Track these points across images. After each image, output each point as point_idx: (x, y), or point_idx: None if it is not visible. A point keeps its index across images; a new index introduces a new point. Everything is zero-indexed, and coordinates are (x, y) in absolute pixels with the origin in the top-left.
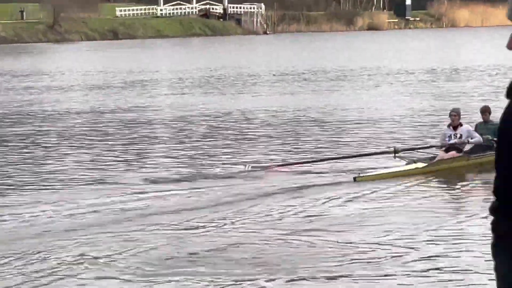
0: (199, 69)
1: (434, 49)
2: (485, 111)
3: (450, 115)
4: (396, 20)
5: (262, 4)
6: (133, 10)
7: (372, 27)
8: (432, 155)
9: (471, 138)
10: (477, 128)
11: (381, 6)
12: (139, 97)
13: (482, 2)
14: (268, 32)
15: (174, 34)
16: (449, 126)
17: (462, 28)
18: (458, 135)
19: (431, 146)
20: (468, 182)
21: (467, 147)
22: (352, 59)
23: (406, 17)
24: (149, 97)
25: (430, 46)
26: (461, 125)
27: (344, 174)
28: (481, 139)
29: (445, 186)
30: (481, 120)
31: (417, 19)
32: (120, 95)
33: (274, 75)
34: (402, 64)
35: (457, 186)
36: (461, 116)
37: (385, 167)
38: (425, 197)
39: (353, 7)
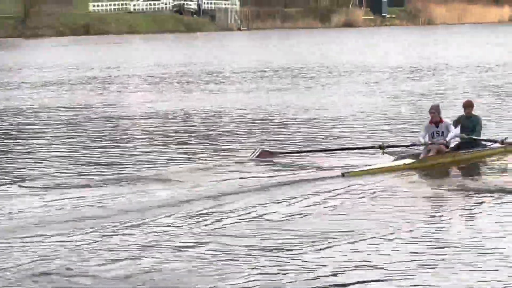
0: (169, 66)
1: (409, 46)
2: (468, 105)
3: (430, 112)
4: (372, 17)
5: (237, 0)
6: (106, 5)
7: (347, 24)
8: (418, 152)
9: (449, 136)
10: (460, 121)
11: (358, 3)
12: (107, 93)
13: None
14: (242, 28)
15: (147, 30)
16: (430, 122)
17: (439, 26)
18: (441, 131)
19: (413, 145)
20: (455, 178)
21: (453, 144)
22: (327, 56)
23: (383, 14)
24: (117, 94)
25: (405, 43)
26: (441, 121)
27: (332, 169)
28: (454, 132)
29: (433, 182)
30: (463, 114)
31: (394, 16)
32: (87, 91)
33: (245, 71)
34: (379, 60)
35: (445, 182)
36: (444, 111)
37: (373, 163)
38: (413, 193)
39: (330, 4)
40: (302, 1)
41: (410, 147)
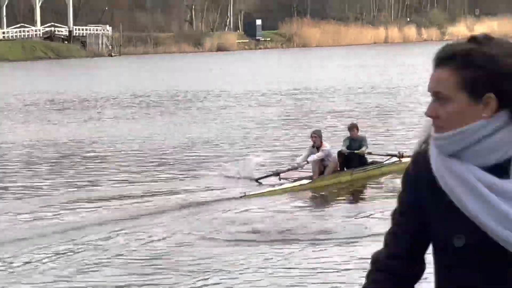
0: (34, 93)
1: (282, 69)
2: (353, 127)
3: (311, 137)
4: (246, 41)
5: (108, 25)
6: None
7: (221, 48)
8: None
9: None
10: (345, 142)
11: (232, 27)
12: None
13: (334, 21)
14: (113, 54)
15: (16, 58)
16: (313, 146)
17: (313, 48)
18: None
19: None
20: (351, 196)
21: (353, 162)
22: (198, 81)
23: (257, 38)
24: None
25: (277, 66)
26: (322, 145)
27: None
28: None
29: (330, 200)
30: (349, 135)
31: (268, 39)
32: None
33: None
34: (254, 85)
35: (341, 200)
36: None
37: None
38: (310, 213)
39: (206, 28)
40: (176, 26)
41: (290, 170)
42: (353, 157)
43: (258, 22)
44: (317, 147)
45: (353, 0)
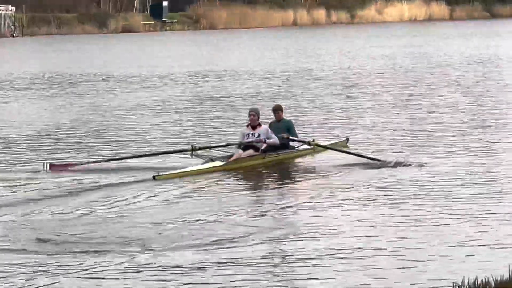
0: None
1: (188, 52)
2: (277, 109)
3: (249, 115)
4: (152, 23)
5: (10, 5)
6: None
7: (126, 30)
8: (230, 154)
9: (268, 139)
10: (271, 127)
11: (136, 8)
12: None
13: (241, 4)
14: (15, 35)
15: None
16: (248, 126)
17: (221, 30)
18: (256, 135)
19: (228, 145)
20: (264, 180)
21: (264, 146)
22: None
23: (163, 19)
24: None
25: (184, 49)
26: (260, 125)
27: (143, 173)
28: (278, 140)
29: (243, 184)
30: (273, 119)
31: (175, 21)
32: None
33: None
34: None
35: (254, 184)
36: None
37: (183, 166)
38: (222, 194)
39: (113, 9)
40: (83, 7)
41: (224, 147)
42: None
43: (165, 3)
44: (253, 126)
45: None
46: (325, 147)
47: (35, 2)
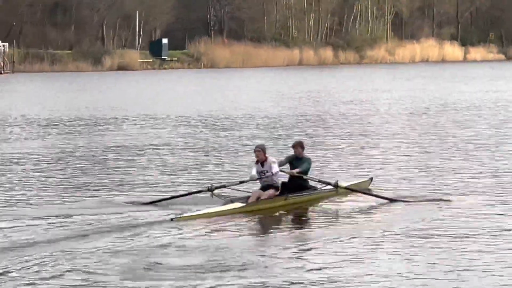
0: None
1: (190, 91)
2: (298, 145)
3: (254, 151)
4: (150, 60)
5: (1, 42)
6: None
7: (122, 67)
8: (249, 195)
9: (274, 171)
10: (291, 161)
11: (137, 46)
12: None
13: (244, 43)
14: (3, 72)
15: None
16: (257, 162)
17: (222, 69)
18: (265, 171)
19: (241, 182)
20: (286, 222)
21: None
22: (99, 102)
23: (163, 57)
24: None
25: (173, 88)
26: (266, 159)
27: (162, 215)
28: (277, 169)
29: (263, 227)
30: (293, 154)
31: (175, 59)
32: None
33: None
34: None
35: (276, 226)
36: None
37: (202, 208)
38: (243, 239)
39: (117, 46)
40: (86, 43)
41: (242, 184)
42: (294, 179)
43: (164, 41)
44: (261, 162)
45: (272, 21)
46: (351, 190)
47: (38, 39)
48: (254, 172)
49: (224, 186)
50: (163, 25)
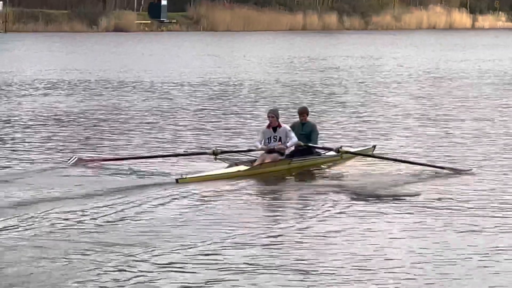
0: None
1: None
2: (303, 112)
3: (268, 117)
4: (148, 22)
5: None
6: None
7: (118, 29)
8: (253, 158)
9: (288, 142)
10: (294, 128)
11: (135, 7)
12: None
13: (246, 6)
14: None
15: None
16: (268, 126)
17: (222, 33)
18: (278, 137)
19: (249, 150)
20: (289, 186)
21: (288, 151)
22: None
23: (161, 19)
24: None
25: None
26: (280, 126)
27: (166, 175)
28: (296, 140)
29: (268, 189)
30: (297, 120)
31: (173, 21)
32: None
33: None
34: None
35: (279, 189)
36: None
37: (207, 170)
38: (247, 200)
39: (119, 7)
40: (88, 5)
41: (246, 152)
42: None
43: (164, 2)
44: (273, 127)
45: None
46: (354, 153)
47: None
48: (260, 138)
49: (230, 152)
50: None
